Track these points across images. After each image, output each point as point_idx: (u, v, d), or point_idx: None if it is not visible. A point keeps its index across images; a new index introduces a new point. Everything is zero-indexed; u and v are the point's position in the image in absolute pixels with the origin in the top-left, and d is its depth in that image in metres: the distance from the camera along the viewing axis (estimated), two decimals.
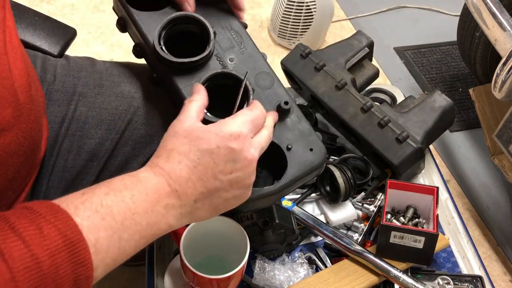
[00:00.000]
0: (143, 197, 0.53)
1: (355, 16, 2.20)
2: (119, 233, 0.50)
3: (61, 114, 0.78)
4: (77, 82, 0.80)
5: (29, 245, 0.44)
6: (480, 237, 1.47)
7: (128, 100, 0.80)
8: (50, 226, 0.45)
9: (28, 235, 0.44)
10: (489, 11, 1.28)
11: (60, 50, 0.92)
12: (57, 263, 0.44)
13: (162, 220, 0.55)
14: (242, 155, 0.59)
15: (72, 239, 0.46)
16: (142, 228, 0.53)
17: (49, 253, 0.44)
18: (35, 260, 0.43)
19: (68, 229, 0.46)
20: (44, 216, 0.46)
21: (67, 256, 0.45)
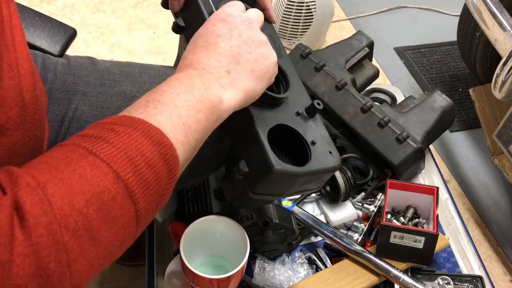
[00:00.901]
0: (179, 83, 0.56)
1: (355, 16, 2.20)
2: (176, 112, 0.53)
3: (61, 113, 0.77)
4: (78, 81, 0.80)
5: (108, 141, 0.47)
6: (480, 237, 1.47)
7: (130, 100, 0.80)
8: (120, 126, 0.49)
9: (105, 135, 0.48)
10: (489, 11, 1.28)
11: (61, 50, 0.92)
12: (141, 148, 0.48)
13: (207, 93, 0.57)
14: (239, 19, 0.64)
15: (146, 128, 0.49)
16: (193, 103, 0.55)
17: (129, 143, 0.48)
18: (120, 149, 0.47)
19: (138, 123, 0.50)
20: (110, 122, 0.49)
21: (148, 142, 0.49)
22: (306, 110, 0.76)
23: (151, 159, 0.49)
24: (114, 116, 0.51)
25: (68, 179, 0.44)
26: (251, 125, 0.69)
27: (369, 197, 1.10)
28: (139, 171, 0.47)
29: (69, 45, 0.94)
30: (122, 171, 0.46)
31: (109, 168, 0.45)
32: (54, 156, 0.47)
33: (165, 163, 0.50)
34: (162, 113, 0.52)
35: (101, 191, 0.44)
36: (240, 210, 0.96)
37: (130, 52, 1.91)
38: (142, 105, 0.52)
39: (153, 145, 0.49)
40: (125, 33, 2.00)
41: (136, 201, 0.47)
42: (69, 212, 0.42)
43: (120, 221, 0.46)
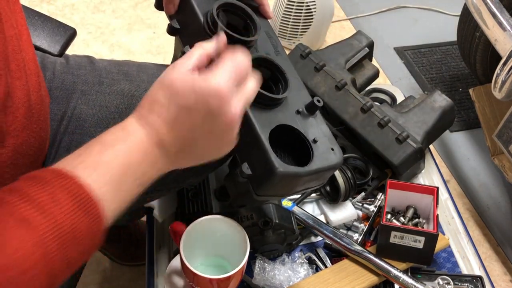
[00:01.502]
0: (135, 149, 0.55)
1: (355, 16, 2.20)
2: (119, 186, 0.53)
3: (60, 112, 0.77)
4: (77, 80, 0.80)
5: (45, 210, 0.46)
6: (480, 237, 1.47)
7: (129, 99, 0.80)
8: (59, 190, 0.48)
9: (42, 201, 0.47)
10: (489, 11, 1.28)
11: (60, 50, 0.92)
12: (73, 221, 0.48)
13: (153, 168, 0.57)
14: (222, 114, 0.58)
15: (82, 198, 0.49)
16: (137, 177, 0.55)
17: (65, 214, 0.47)
18: (55, 222, 0.46)
19: (76, 189, 0.49)
20: (51, 182, 0.48)
21: (81, 213, 0.48)
22: (306, 108, 0.75)
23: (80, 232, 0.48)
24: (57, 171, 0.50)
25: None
26: (251, 129, 0.69)
27: (369, 197, 1.10)
28: (65, 248, 0.47)
29: (69, 45, 0.94)
30: (51, 248, 0.46)
31: (36, 246, 0.45)
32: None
33: (92, 239, 0.50)
34: (110, 184, 0.52)
35: (25, 270, 0.44)
36: (240, 210, 0.96)
37: (130, 52, 1.91)
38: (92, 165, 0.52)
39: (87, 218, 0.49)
40: (125, 33, 1.99)
41: (54, 278, 0.47)
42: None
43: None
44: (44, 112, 0.67)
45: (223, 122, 0.58)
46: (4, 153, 0.58)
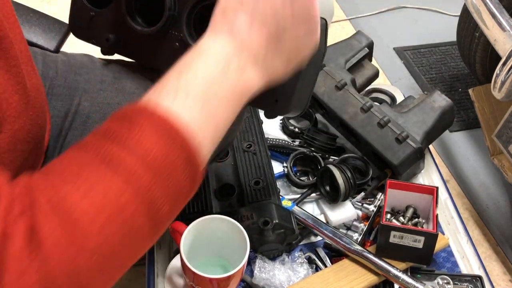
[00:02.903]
0: (213, 62, 0.51)
1: (355, 16, 2.20)
2: (207, 107, 0.49)
3: (64, 109, 0.79)
4: (79, 78, 0.81)
5: (127, 146, 0.44)
6: (479, 237, 1.47)
7: (130, 96, 0.81)
8: (140, 125, 0.45)
9: (124, 138, 0.45)
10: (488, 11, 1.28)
11: (56, 46, 0.93)
12: (164, 153, 0.45)
13: (241, 79, 0.52)
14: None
15: (166, 128, 0.46)
16: (225, 94, 0.51)
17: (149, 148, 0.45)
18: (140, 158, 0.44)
19: (158, 120, 0.46)
20: (131, 119, 0.46)
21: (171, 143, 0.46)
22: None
23: (172, 165, 0.46)
24: (136, 107, 0.48)
25: (89, 193, 0.42)
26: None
27: (369, 197, 1.11)
28: (159, 182, 0.45)
29: (64, 41, 0.95)
30: (141, 185, 0.44)
31: (126, 184, 0.43)
32: (72, 166, 0.45)
33: (188, 167, 0.47)
34: (192, 108, 0.48)
35: (119, 210, 0.43)
36: (240, 210, 0.96)
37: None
38: (171, 93, 0.49)
39: (175, 149, 0.46)
40: None
41: (156, 212, 0.45)
42: (89, 231, 0.41)
43: (139, 236, 0.45)
44: (39, 99, 0.67)
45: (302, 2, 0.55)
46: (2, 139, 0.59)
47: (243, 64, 0.52)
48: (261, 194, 1.00)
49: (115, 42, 0.81)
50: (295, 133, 1.23)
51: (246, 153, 1.08)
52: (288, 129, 1.24)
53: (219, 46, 0.52)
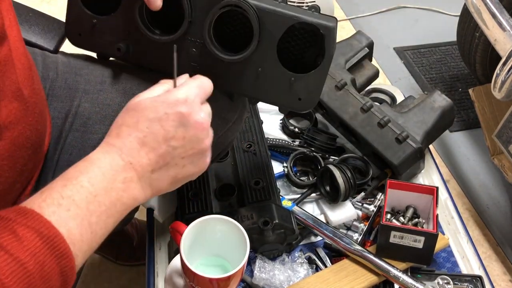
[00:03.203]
0: (100, 178, 0.53)
1: (355, 16, 2.20)
2: (87, 219, 0.51)
3: (64, 110, 0.79)
4: (79, 79, 0.81)
5: (8, 251, 0.44)
6: (479, 237, 1.47)
7: (130, 97, 0.81)
8: (23, 227, 0.46)
9: (5, 241, 0.45)
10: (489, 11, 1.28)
11: (56, 46, 0.92)
12: (41, 261, 0.46)
13: (124, 195, 0.55)
14: (192, 119, 0.58)
15: (48, 235, 0.47)
16: (107, 208, 0.53)
17: (30, 253, 0.45)
18: (19, 263, 0.44)
19: (41, 226, 0.47)
20: (14, 220, 0.47)
21: (48, 252, 0.47)
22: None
23: (49, 273, 0.47)
24: (21, 209, 0.48)
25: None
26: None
27: (369, 197, 1.11)
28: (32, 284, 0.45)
29: (64, 41, 0.95)
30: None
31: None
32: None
33: (61, 276, 0.48)
34: (74, 218, 0.50)
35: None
36: (240, 210, 0.96)
37: None
38: (55, 201, 0.50)
39: (54, 257, 0.47)
40: None
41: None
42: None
43: None
44: (40, 105, 0.67)
45: (195, 128, 0.58)
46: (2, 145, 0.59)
47: (129, 179, 0.55)
48: (261, 194, 1.00)
49: (126, 51, 0.80)
50: (295, 133, 1.23)
51: (246, 153, 1.08)
52: (288, 129, 1.24)
53: (108, 160, 0.55)
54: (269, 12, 0.74)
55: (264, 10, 0.74)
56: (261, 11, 0.74)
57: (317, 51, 0.79)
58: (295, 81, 0.77)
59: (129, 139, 0.56)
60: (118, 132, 0.57)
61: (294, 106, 0.80)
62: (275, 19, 0.74)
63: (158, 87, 0.62)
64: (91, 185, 0.53)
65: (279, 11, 0.74)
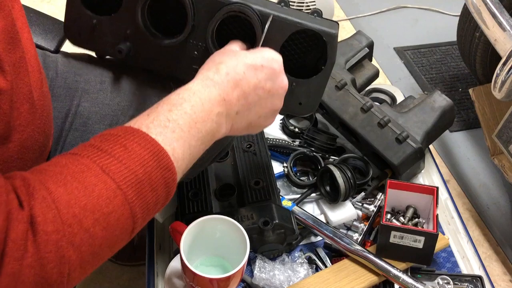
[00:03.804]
0: (200, 107, 0.59)
1: (355, 16, 2.20)
2: (188, 141, 0.57)
3: (64, 110, 0.79)
4: (79, 79, 0.81)
5: (121, 160, 0.50)
6: (480, 237, 1.47)
7: (130, 96, 0.81)
8: (132, 142, 0.52)
9: (117, 152, 0.51)
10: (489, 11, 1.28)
11: (56, 46, 0.93)
12: (149, 171, 0.52)
13: (214, 126, 0.61)
14: (280, 78, 0.67)
15: (154, 150, 0.53)
16: (202, 135, 0.59)
17: (140, 163, 0.51)
18: (131, 170, 0.50)
19: (148, 142, 0.53)
20: (124, 136, 0.52)
21: (155, 164, 0.52)
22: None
23: (156, 182, 0.52)
24: (128, 128, 0.54)
25: (81, 196, 0.47)
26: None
27: (369, 197, 1.10)
28: (143, 194, 0.51)
29: (64, 41, 0.95)
30: (129, 194, 0.50)
31: (119, 190, 0.49)
32: (68, 167, 0.49)
33: (166, 187, 0.54)
34: (178, 140, 0.56)
35: (109, 212, 0.48)
36: (240, 210, 0.96)
37: None
38: (162, 123, 0.55)
39: (160, 169, 0.53)
40: None
41: (136, 220, 0.51)
42: (77, 230, 0.46)
43: (120, 237, 0.51)
44: (47, 107, 0.68)
45: (280, 85, 0.67)
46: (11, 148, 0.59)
47: (220, 114, 0.62)
48: (261, 194, 1.00)
49: (127, 52, 0.80)
50: (295, 133, 1.23)
51: (246, 153, 1.08)
52: (288, 129, 1.24)
53: (207, 93, 0.61)
54: (272, 18, 0.74)
55: (267, 15, 0.74)
56: (264, 16, 0.74)
57: (319, 55, 0.79)
58: (297, 86, 0.78)
59: (227, 77, 0.62)
60: (217, 68, 0.63)
61: (295, 110, 0.80)
62: (278, 25, 0.74)
63: (234, 43, 0.71)
64: (193, 112, 0.58)
65: (282, 17, 0.74)
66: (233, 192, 1.02)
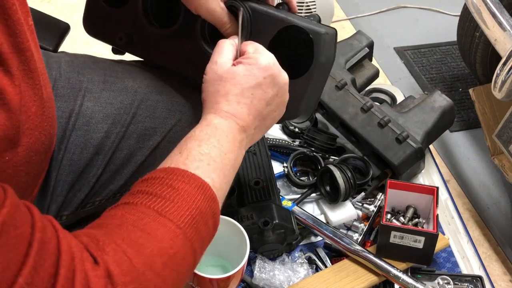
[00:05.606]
0: (225, 139, 0.63)
1: (355, 16, 2.20)
2: (223, 171, 0.61)
3: (68, 109, 0.79)
4: (82, 79, 0.81)
5: (172, 200, 0.53)
6: (480, 237, 1.46)
7: (132, 95, 0.82)
8: (177, 182, 0.55)
9: (167, 194, 0.53)
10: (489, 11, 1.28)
11: (55, 45, 0.93)
12: (199, 206, 0.54)
13: (240, 153, 0.65)
14: (281, 76, 0.69)
15: (198, 184, 0.56)
16: (232, 163, 0.63)
17: (190, 200, 0.54)
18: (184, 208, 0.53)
19: (191, 178, 0.56)
20: (167, 177, 0.55)
21: (202, 197, 0.55)
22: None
23: (206, 215, 0.55)
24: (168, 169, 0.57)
25: (146, 243, 0.50)
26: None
27: (369, 197, 1.10)
28: (198, 228, 0.54)
29: (63, 40, 0.95)
30: (188, 231, 0.53)
31: (179, 230, 0.52)
32: (126, 218, 0.52)
33: (213, 218, 0.57)
34: (214, 171, 0.59)
35: (174, 253, 0.51)
36: (240, 210, 0.96)
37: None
38: (196, 158, 0.59)
39: (207, 201, 0.56)
40: None
41: (196, 256, 0.55)
42: (150, 276, 0.48)
43: (185, 274, 0.54)
44: (52, 109, 0.68)
45: (282, 82, 0.69)
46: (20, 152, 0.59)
47: (243, 139, 0.66)
48: (261, 194, 1.00)
49: (128, 41, 0.84)
50: (295, 133, 1.23)
51: (246, 153, 1.08)
52: (288, 129, 1.24)
53: (227, 125, 0.65)
54: (261, 13, 0.74)
55: (256, 11, 0.74)
56: (254, 11, 0.74)
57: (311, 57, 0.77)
58: None
59: (240, 105, 0.66)
60: (227, 100, 0.66)
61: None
62: (266, 21, 0.74)
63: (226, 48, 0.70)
64: (221, 145, 0.62)
65: (271, 13, 0.73)
66: (233, 192, 1.02)
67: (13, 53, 0.55)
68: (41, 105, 0.62)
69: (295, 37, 0.76)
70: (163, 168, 0.57)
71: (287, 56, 0.78)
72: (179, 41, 0.81)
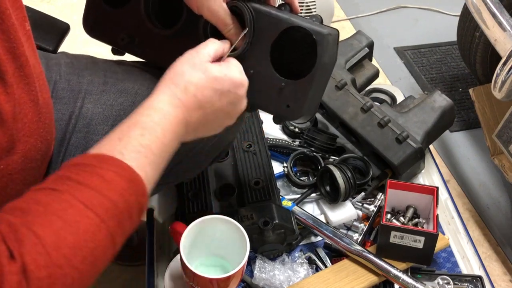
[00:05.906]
0: (170, 130, 0.62)
1: (355, 16, 2.20)
2: (158, 164, 0.60)
3: (68, 112, 0.79)
4: (82, 80, 0.81)
5: (101, 192, 0.52)
6: (480, 237, 1.46)
7: (132, 96, 0.81)
8: (109, 172, 0.53)
9: (96, 185, 0.52)
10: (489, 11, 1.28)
11: (55, 45, 0.92)
12: (127, 199, 0.53)
13: (177, 146, 0.64)
14: (242, 102, 0.70)
15: (131, 178, 0.55)
16: (169, 155, 0.62)
17: (119, 193, 0.53)
18: (112, 202, 0.52)
19: (124, 170, 0.54)
20: (99, 166, 0.53)
21: (132, 191, 0.54)
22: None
23: (132, 209, 0.54)
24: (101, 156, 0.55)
25: (68, 235, 0.49)
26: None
27: (369, 197, 1.10)
28: (123, 222, 0.53)
29: (63, 40, 0.94)
30: (111, 225, 0.51)
31: (103, 224, 0.51)
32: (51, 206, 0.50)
33: (140, 212, 0.56)
34: (150, 164, 0.58)
35: (95, 247, 0.50)
36: (240, 210, 0.96)
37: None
38: (135, 149, 0.57)
39: (136, 196, 0.55)
40: None
41: (116, 248, 0.54)
42: (68, 270, 0.48)
43: (104, 265, 0.53)
44: (49, 115, 0.67)
45: (239, 108, 0.70)
46: (15, 160, 0.59)
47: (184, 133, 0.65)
48: (261, 194, 1.00)
49: (129, 42, 0.84)
50: (295, 133, 1.23)
51: (246, 153, 1.08)
52: (288, 129, 1.24)
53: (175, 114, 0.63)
54: (264, 14, 0.74)
55: (259, 11, 0.74)
56: (257, 12, 0.74)
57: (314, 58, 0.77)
58: (285, 87, 0.75)
59: (194, 99, 0.64)
60: (186, 87, 0.64)
61: (282, 113, 0.78)
62: (269, 22, 0.74)
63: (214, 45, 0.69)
64: (164, 136, 0.60)
65: (274, 14, 0.73)
66: (233, 192, 1.02)
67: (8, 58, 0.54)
68: (37, 111, 0.62)
69: (298, 38, 0.76)
70: (97, 155, 0.55)
71: (290, 57, 0.78)
72: (181, 41, 0.80)
